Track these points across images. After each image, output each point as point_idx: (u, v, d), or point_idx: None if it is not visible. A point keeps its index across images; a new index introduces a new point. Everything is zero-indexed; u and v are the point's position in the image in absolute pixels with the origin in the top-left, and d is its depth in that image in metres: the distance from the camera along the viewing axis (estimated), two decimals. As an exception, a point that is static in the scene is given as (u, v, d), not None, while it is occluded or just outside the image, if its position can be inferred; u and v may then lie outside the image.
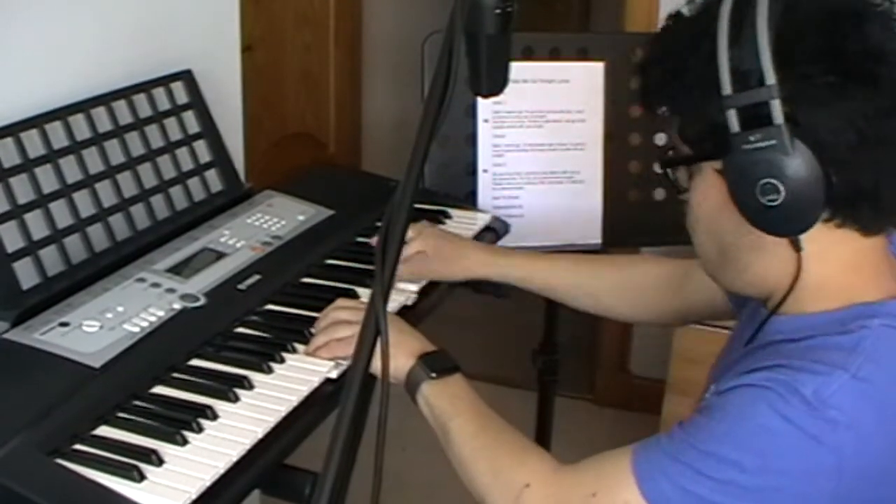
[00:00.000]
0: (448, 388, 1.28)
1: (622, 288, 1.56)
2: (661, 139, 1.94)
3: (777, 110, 1.00)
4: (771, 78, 0.99)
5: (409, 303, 1.52)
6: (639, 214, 1.96)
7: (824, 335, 1.05)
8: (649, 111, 1.16)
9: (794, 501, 1.01)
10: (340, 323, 1.34)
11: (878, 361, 1.02)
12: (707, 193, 1.10)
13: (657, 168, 1.15)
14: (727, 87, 1.02)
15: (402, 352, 1.29)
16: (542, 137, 1.92)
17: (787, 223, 1.04)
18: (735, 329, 1.30)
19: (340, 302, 1.41)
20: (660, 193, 1.96)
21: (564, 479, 1.14)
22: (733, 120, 1.02)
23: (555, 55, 1.93)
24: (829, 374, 1.00)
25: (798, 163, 1.00)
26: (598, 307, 1.60)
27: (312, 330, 1.37)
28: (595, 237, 1.97)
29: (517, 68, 1.14)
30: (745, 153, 1.01)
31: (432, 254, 1.57)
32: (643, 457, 1.07)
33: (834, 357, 1.02)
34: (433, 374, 1.28)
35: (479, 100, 1.87)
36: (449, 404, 1.26)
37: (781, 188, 1.00)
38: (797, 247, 1.06)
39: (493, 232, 1.84)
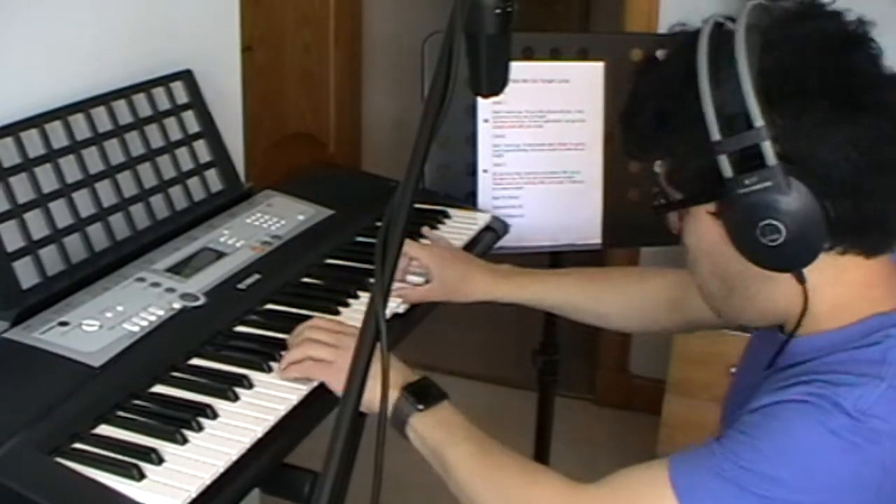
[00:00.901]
0: (440, 417, 1.23)
1: (628, 306, 1.55)
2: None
3: (769, 152, 0.99)
4: (759, 120, 0.99)
5: (401, 311, 1.51)
6: (639, 214, 1.96)
7: (850, 349, 1.05)
8: (636, 159, 1.15)
9: None
10: (316, 343, 1.29)
11: None
12: (703, 235, 1.10)
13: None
14: (715, 133, 1.01)
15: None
16: (542, 137, 1.92)
17: (790, 260, 1.04)
18: (749, 353, 1.29)
19: (317, 321, 1.35)
20: (660, 194, 1.96)
21: (589, 497, 1.11)
22: (725, 165, 1.01)
23: (555, 55, 1.92)
24: (866, 385, 1.00)
25: (796, 200, 0.99)
26: (604, 323, 1.61)
27: (285, 353, 1.30)
28: (595, 237, 1.97)
29: (517, 68, 1.14)
30: (741, 197, 1.01)
31: (435, 279, 1.55)
32: (682, 472, 1.05)
33: (865, 368, 1.02)
34: (420, 406, 1.23)
35: (479, 100, 1.87)
36: (443, 433, 1.22)
37: (782, 228, 1.00)
38: (801, 279, 1.06)
39: (493, 232, 1.83)
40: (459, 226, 1.78)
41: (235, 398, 1.22)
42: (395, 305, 1.49)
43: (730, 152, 1.01)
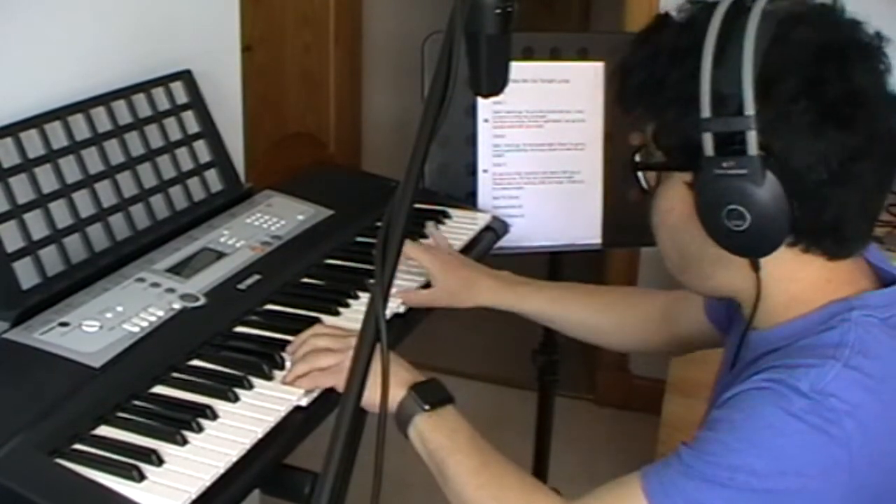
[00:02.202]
0: (443, 421, 1.22)
1: (624, 323, 1.57)
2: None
3: (752, 141, 1.01)
4: (750, 108, 1.01)
5: (401, 311, 1.51)
6: (639, 214, 1.95)
7: (809, 336, 1.07)
8: (625, 111, 1.16)
9: (811, 499, 1.01)
10: (321, 351, 1.29)
11: (865, 352, 1.03)
12: (674, 203, 1.12)
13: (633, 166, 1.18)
14: (706, 110, 1.03)
15: (391, 382, 1.14)
16: (542, 137, 1.92)
17: (749, 247, 1.06)
18: (723, 357, 1.31)
19: (318, 328, 1.36)
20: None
21: None
22: (708, 143, 1.03)
23: (555, 55, 1.92)
24: (822, 366, 1.02)
25: (766, 193, 1.02)
26: (600, 339, 1.61)
27: (285, 355, 1.31)
28: (595, 237, 1.97)
29: (517, 68, 1.14)
30: (716, 177, 1.03)
31: (438, 285, 1.55)
32: (654, 478, 1.05)
33: (822, 352, 1.04)
34: (426, 407, 1.22)
35: (479, 100, 1.87)
36: (446, 439, 1.21)
37: (748, 215, 1.03)
38: (756, 267, 1.09)
39: (493, 232, 1.83)
40: (459, 226, 1.78)
41: (235, 399, 1.22)
42: (395, 305, 1.49)
43: (715, 132, 1.03)
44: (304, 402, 1.24)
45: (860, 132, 1.03)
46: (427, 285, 1.56)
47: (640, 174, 1.18)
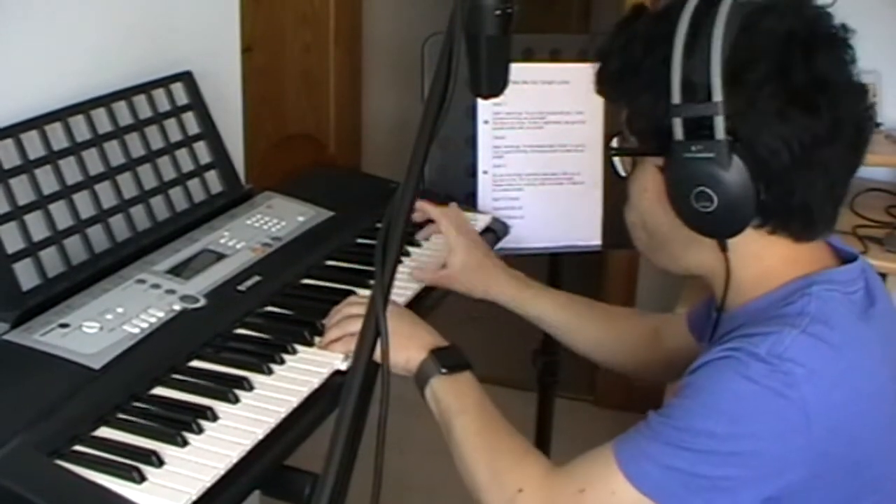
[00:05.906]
0: (456, 384, 1.30)
1: (623, 340, 1.59)
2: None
3: (720, 126, 1.05)
4: (718, 95, 1.04)
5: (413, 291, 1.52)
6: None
7: (771, 311, 1.11)
8: (602, 97, 1.22)
9: (771, 462, 1.05)
10: (354, 318, 1.34)
11: (825, 321, 1.07)
12: (647, 186, 1.17)
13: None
14: (676, 96, 1.07)
15: (415, 344, 1.32)
16: (542, 139, 1.92)
17: (717, 228, 1.11)
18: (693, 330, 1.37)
19: (353, 299, 1.43)
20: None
21: (554, 481, 1.17)
22: (678, 127, 1.07)
23: (555, 56, 1.93)
24: (780, 333, 1.06)
25: (733, 176, 1.06)
26: (601, 354, 1.62)
27: (325, 321, 1.38)
28: (595, 238, 1.97)
29: (517, 69, 1.15)
30: (685, 160, 1.07)
31: (456, 262, 1.57)
32: (624, 445, 1.11)
33: (782, 321, 1.07)
34: (443, 370, 1.30)
35: (479, 101, 1.87)
36: (455, 400, 1.28)
37: (715, 197, 1.07)
38: (723, 247, 1.12)
39: (493, 233, 1.84)
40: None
41: (236, 400, 1.22)
42: (402, 302, 1.49)
43: (685, 117, 1.07)
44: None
45: (824, 118, 1.07)
46: (424, 289, 1.56)
47: (616, 160, 1.22)
